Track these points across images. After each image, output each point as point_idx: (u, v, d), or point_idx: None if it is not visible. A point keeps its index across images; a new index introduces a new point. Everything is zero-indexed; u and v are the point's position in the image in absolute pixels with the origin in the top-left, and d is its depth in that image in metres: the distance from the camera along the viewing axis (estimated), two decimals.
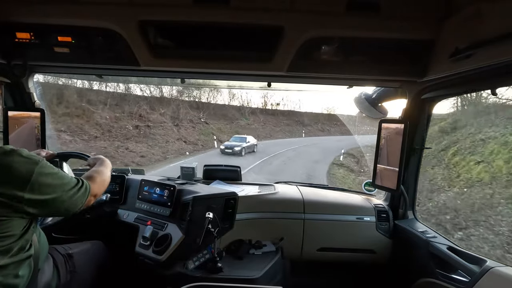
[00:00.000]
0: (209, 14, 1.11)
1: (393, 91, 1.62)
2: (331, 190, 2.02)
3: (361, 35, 1.15)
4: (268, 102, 25.34)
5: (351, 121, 22.83)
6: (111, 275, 1.29)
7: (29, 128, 1.55)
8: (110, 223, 1.54)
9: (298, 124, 24.16)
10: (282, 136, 22.76)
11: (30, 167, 0.78)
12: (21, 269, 0.83)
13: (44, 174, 0.81)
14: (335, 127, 25.15)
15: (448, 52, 1.04)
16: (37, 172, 0.79)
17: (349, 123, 22.20)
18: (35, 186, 0.78)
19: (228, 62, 1.24)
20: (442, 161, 8.16)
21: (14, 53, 1.22)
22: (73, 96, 13.21)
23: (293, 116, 25.42)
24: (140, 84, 15.62)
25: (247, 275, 1.37)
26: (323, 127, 25.54)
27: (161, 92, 17.46)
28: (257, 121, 22.79)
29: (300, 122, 24.35)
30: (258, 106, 25.14)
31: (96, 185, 1.02)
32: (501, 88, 1.08)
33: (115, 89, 15.46)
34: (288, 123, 23.63)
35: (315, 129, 24.25)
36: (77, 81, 12.02)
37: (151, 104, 16.69)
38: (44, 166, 0.82)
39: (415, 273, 1.46)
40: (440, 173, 7.77)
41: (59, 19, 1.13)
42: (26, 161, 0.79)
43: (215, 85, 1.98)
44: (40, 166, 0.80)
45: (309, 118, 25.95)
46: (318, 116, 26.51)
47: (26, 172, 0.77)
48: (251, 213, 1.66)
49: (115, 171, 1.77)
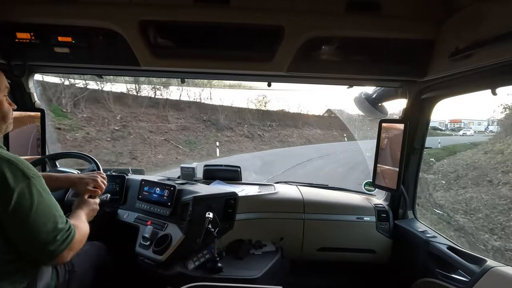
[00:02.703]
0: (210, 14, 1.11)
1: (393, 91, 1.62)
2: (331, 190, 2.01)
3: (361, 35, 1.15)
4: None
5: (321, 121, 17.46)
6: (111, 275, 1.29)
7: (29, 128, 1.55)
8: (110, 223, 1.54)
9: (208, 126, 12.59)
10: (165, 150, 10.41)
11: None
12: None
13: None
14: (272, 130, 14.96)
15: (448, 52, 1.04)
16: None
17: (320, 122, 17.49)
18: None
19: (228, 62, 1.24)
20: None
21: (14, 53, 1.22)
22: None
23: (201, 111, 13.10)
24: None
25: (247, 275, 1.37)
26: (252, 131, 13.89)
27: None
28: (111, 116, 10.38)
29: (210, 123, 12.78)
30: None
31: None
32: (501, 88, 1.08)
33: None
34: (186, 126, 11.87)
35: (238, 134, 13.28)
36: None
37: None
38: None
39: (415, 273, 1.46)
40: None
41: (59, 19, 1.13)
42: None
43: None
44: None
45: (230, 116, 13.33)
46: (244, 111, 14.79)
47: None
48: (251, 213, 1.66)
49: (115, 171, 1.77)
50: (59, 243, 0.79)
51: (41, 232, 0.76)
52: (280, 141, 14.90)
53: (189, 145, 11.09)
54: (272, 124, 15.46)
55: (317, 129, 17.74)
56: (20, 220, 0.73)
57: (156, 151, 9.97)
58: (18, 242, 0.76)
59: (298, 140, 15.91)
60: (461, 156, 8.44)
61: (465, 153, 8.90)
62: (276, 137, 15.03)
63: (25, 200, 0.73)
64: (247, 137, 13.70)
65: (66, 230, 0.81)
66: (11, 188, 0.72)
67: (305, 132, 16.89)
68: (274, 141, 14.59)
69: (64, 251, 0.80)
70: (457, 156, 8.74)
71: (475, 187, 5.68)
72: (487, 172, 5.99)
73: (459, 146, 10.76)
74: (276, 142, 14.62)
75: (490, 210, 4.52)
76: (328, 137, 17.38)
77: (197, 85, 12.65)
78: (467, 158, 7.82)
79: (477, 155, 7.56)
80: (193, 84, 12.43)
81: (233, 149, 12.24)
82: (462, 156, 8.42)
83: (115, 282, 1.30)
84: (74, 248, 0.85)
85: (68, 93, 9.23)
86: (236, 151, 12.15)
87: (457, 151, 9.70)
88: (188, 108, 13.03)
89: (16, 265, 0.80)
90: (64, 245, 0.80)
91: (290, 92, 19.68)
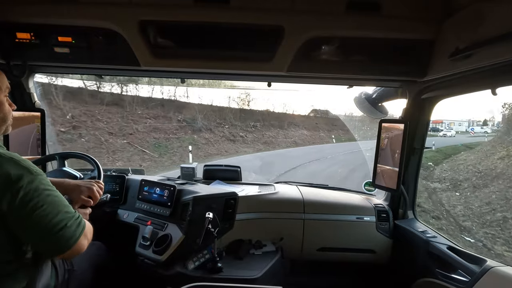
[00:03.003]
0: (209, 14, 1.11)
1: (393, 91, 1.62)
2: (331, 190, 2.01)
3: (361, 35, 1.15)
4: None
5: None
6: (111, 275, 1.29)
7: (29, 128, 1.55)
8: (110, 223, 1.54)
9: (183, 127, 11.06)
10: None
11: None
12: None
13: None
14: (255, 131, 13.36)
15: (448, 52, 1.04)
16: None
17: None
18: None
19: (228, 62, 1.24)
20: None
21: (14, 53, 1.22)
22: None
23: (175, 110, 11.41)
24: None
25: (247, 275, 1.37)
26: (233, 132, 12.69)
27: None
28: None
29: (186, 123, 11.29)
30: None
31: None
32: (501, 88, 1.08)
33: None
34: (156, 126, 10.55)
35: (217, 136, 11.77)
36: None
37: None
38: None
39: (415, 273, 1.46)
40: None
41: (59, 19, 1.13)
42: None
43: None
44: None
45: (209, 115, 12.07)
46: (225, 110, 13.13)
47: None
48: (251, 213, 1.66)
49: (115, 171, 1.77)
50: (74, 229, 0.79)
51: (54, 223, 0.76)
52: (265, 143, 13.25)
53: (158, 149, 9.54)
54: (256, 125, 13.69)
55: (304, 129, 16.16)
56: (31, 214, 0.73)
57: (115, 157, 8.44)
58: (32, 240, 0.77)
59: (284, 142, 14.17)
60: (463, 161, 7.79)
61: (463, 156, 8.42)
62: (260, 139, 13.27)
63: (32, 196, 0.73)
64: (228, 139, 12.05)
65: (76, 218, 0.82)
66: (18, 184, 0.71)
67: (290, 133, 15.20)
68: (258, 143, 12.96)
69: (80, 238, 0.80)
70: (457, 160, 8.19)
71: (504, 204, 4.59)
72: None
73: (450, 148, 10.43)
74: (260, 144, 12.98)
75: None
76: (315, 139, 16.00)
77: (172, 82, 10.73)
78: (474, 162, 7.11)
79: (488, 160, 6.72)
80: (167, 83, 11.00)
81: (212, 154, 10.62)
82: (464, 161, 7.78)
83: (115, 282, 1.29)
84: (88, 236, 0.86)
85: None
86: (215, 155, 10.52)
87: (451, 154, 9.36)
88: (161, 106, 11.30)
89: (16, 265, 0.80)
90: (78, 230, 0.80)
91: (275, 91, 17.28)
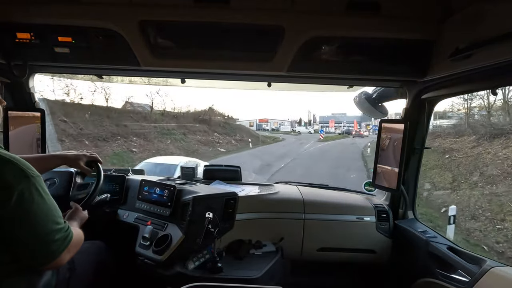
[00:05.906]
0: (210, 14, 1.11)
1: (393, 91, 1.62)
2: (331, 190, 2.01)
3: (361, 35, 1.15)
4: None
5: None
6: (111, 275, 1.29)
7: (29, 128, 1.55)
8: (110, 223, 1.54)
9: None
10: None
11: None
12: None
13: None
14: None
15: (448, 52, 1.04)
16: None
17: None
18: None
19: (228, 62, 1.24)
20: None
21: (14, 53, 1.22)
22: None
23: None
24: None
25: (247, 275, 1.37)
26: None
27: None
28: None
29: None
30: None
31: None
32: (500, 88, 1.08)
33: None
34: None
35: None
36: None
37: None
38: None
39: (415, 273, 1.46)
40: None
41: (59, 19, 1.13)
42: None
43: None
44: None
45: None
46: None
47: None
48: (251, 213, 1.66)
49: (115, 171, 1.77)
50: (59, 242, 0.78)
51: (41, 231, 0.75)
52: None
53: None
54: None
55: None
56: (21, 220, 0.72)
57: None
58: (15, 243, 0.75)
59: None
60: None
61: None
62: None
63: (25, 200, 0.72)
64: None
65: (65, 230, 0.80)
66: (12, 187, 0.71)
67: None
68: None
69: (63, 252, 0.79)
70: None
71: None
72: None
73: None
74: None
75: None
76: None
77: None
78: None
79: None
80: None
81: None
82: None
83: (115, 282, 1.30)
84: (71, 250, 0.83)
85: None
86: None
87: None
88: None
89: (15, 265, 0.80)
90: (63, 245, 0.79)
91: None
